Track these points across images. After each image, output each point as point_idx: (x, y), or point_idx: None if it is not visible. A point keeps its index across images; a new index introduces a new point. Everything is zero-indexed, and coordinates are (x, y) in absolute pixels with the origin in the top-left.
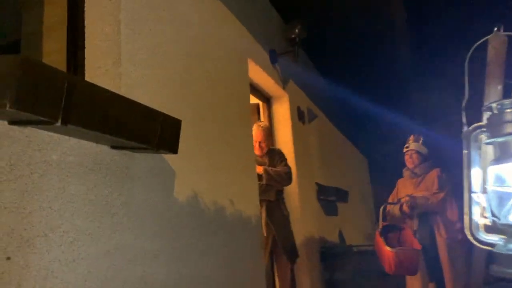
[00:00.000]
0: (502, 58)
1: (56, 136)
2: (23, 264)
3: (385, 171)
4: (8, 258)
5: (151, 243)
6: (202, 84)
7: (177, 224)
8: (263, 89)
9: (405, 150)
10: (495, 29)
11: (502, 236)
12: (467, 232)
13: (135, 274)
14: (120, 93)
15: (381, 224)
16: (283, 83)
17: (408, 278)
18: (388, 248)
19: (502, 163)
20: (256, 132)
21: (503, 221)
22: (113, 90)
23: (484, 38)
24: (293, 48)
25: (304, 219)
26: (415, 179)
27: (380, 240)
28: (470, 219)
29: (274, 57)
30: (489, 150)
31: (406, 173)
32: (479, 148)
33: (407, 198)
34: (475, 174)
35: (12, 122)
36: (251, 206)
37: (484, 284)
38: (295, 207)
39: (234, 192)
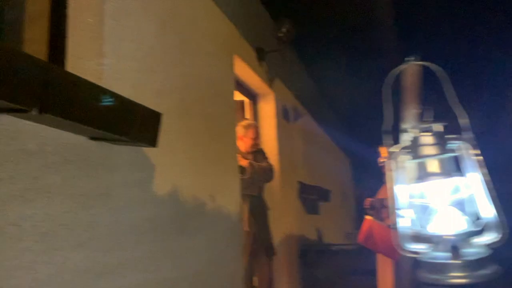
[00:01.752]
0: (416, 85)
1: (33, 125)
2: None
3: (367, 172)
4: None
5: (128, 236)
6: (186, 79)
7: (156, 218)
8: (249, 86)
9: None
10: (410, 58)
11: (426, 245)
12: (396, 243)
13: (111, 267)
14: (102, 85)
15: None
16: (270, 81)
17: (380, 277)
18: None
19: (422, 181)
20: (254, 130)
21: (425, 231)
22: (94, 81)
23: (400, 67)
24: (281, 47)
25: (285, 217)
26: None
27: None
28: (398, 230)
29: (261, 54)
30: (411, 168)
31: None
32: (402, 167)
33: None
34: (400, 190)
35: None
36: (232, 202)
37: None
38: (277, 205)
39: (216, 187)
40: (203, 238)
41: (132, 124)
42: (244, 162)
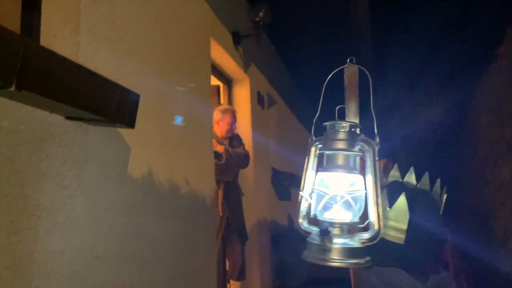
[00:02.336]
0: (354, 85)
1: (8, 102)
2: None
3: None
4: None
5: (103, 218)
6: (162, 60)
7: (130, 201)
8: (225, 71)
9: None
10: (348, 60)
11: (316, 229)
12: (296, 220)
13: (86, 248)
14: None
15: None
16: (245, 66)
17: None
18: None
19: (325, 171)
20: (231, 115)
21: (319, 217)
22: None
23: (339, 68)
24: (257, 32)
25: (258, 203)
26: None
27: None
28: (300, 212)
29: (237, 39)
30: (323, 158)
31: None
32: (317, 156)
33: None
34: (309, 176)
35: None
36: (206, 187)
37: None
38: (250, 190)
39: (191, 171)
40: (177, 221)
41: (109, 104)
42: (219, 148)
